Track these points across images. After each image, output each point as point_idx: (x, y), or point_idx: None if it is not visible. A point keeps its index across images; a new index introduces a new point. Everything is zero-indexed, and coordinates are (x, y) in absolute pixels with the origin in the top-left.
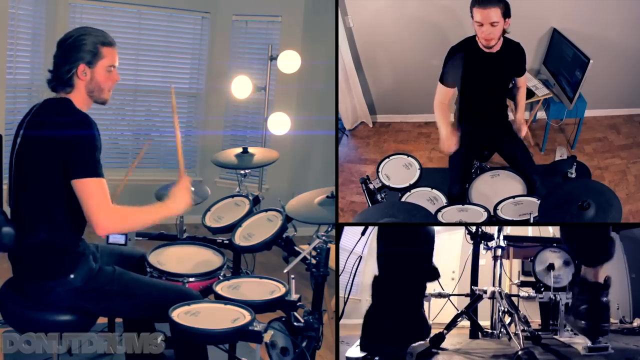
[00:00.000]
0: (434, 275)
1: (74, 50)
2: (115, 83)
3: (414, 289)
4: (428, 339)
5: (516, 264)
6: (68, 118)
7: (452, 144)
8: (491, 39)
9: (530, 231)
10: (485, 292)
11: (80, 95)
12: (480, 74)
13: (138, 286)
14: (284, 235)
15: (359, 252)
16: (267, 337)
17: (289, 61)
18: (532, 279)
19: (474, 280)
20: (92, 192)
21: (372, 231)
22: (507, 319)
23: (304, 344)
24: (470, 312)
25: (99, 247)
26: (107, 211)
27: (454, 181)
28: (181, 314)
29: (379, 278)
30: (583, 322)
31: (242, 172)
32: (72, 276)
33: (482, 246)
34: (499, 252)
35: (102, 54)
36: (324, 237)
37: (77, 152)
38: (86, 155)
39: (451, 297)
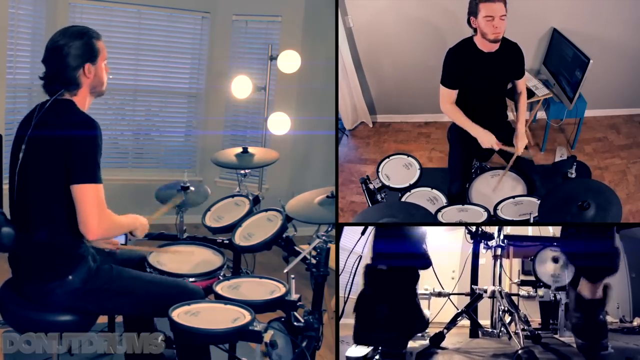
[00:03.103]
0: (426, 262)
1: (82, 51)
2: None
3: (407, 276)
4: (428, 338)
5: (516, 263)
6: (74, 120)
7: (493, 137)
8: (500, 32)
9: (530, 231)
10: (485, 291)
11: (83, 94)
12: (479, 74)
13: (137, 283)
14: (284, 235)
15: (359, 252)
16: (267, 337)
17: (289, 61)
18: (532, 278)
19: (474, 279)
20: (88, 198)
21: (372, 231)
22: (507, 318)
23: (304, 344)
24: (470, 311)
25: (98, 249)
26: (101, 218)
27: (454, 180)
28: (181, 314)
29: (371, 266)
30: (580, 340)
31: (242, 172)
32: (70, 277)
33: (482, 245)
34: (499, 251)
35: (100, 49)
36: (324, 237)
37: (79, 156)
38: (87, 160)
39: (451, 296)
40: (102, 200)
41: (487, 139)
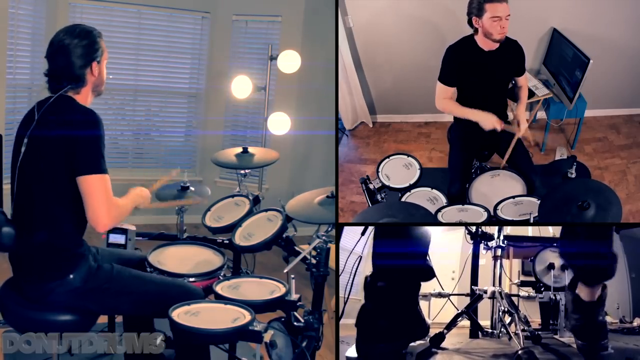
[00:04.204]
0: (429, 275)
1: (90, 50)
2: None
3: (408, 289)
4: (428, 339)
5: (516, 263)
6: (77, 115)
7: (494, 117)
8: (505, 32)
9: (530, 231)
10: (485, 291)
11: (86, 93)
12: (479, 73)
13: (137, 283)
14: (284, 235)
15: (359, 252)
16: (267, 337)
17: (289, 61)
18: (532, 278)
19: (474, 280)
20: (96, 189)
21: (372, 231)
22: (507, 319)
23: (304, 344)
24: (470, 311)
25: (98, 249)
26: (109, 209)
27: (454, 181)
28: (181, 314)
29: (372, 277)
30: (580, 341)
31: (242, 172)
32: (71, 276)
33: (482, 246)
34: (499, 252)
35: (103, 48)
36: (324, 237)
37: (83, 149)
38: (92, 151)
39: (451, 297)
40: (109, 190)
41: (488, 121)
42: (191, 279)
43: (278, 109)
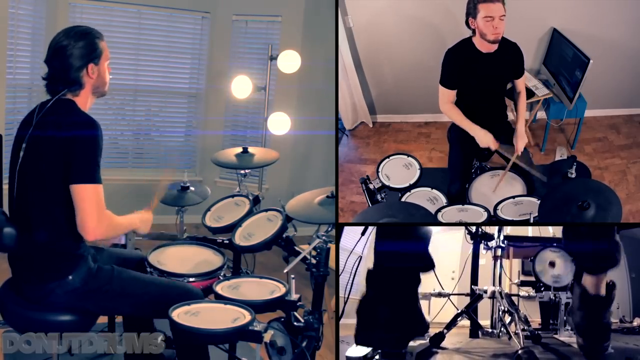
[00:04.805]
0: (429, 265)
1: (85, 52)
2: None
3: (409, 278)
4: (428, 338)
5: (516, 263)
6: (75, 120)
7: (491, 137)
8: (499, 33)
9: (530, 231)
10: (485, 291)
11: (85, 95)
12: (478, 74)
13: (137, 284)
14: (284, 235)
15: (359, 252)
16: (267, 337)
17: (289, 61)
18: (532, 278)
19: (474, 279)
20: (87, 198)
21: (372, 231)
22: (507, 319)
23: (304, 344)
24: (470, 311)
25: (97, 249)
26: (100, 219)
27: (454, 180)
28: (181, 314)
29: (374, 267)
30: (582, 340)
31: (242, 172)
32: (70, 277)
33: (482, 246)
34: (499, 251)
35: (103, 49)
36: (324, 237)
37: (79, 156)
38: (87, 160)
39: (451, 297)
40: (101, 201)
41: (485, 139)
42: (191, 279)
43: (278, 109)
